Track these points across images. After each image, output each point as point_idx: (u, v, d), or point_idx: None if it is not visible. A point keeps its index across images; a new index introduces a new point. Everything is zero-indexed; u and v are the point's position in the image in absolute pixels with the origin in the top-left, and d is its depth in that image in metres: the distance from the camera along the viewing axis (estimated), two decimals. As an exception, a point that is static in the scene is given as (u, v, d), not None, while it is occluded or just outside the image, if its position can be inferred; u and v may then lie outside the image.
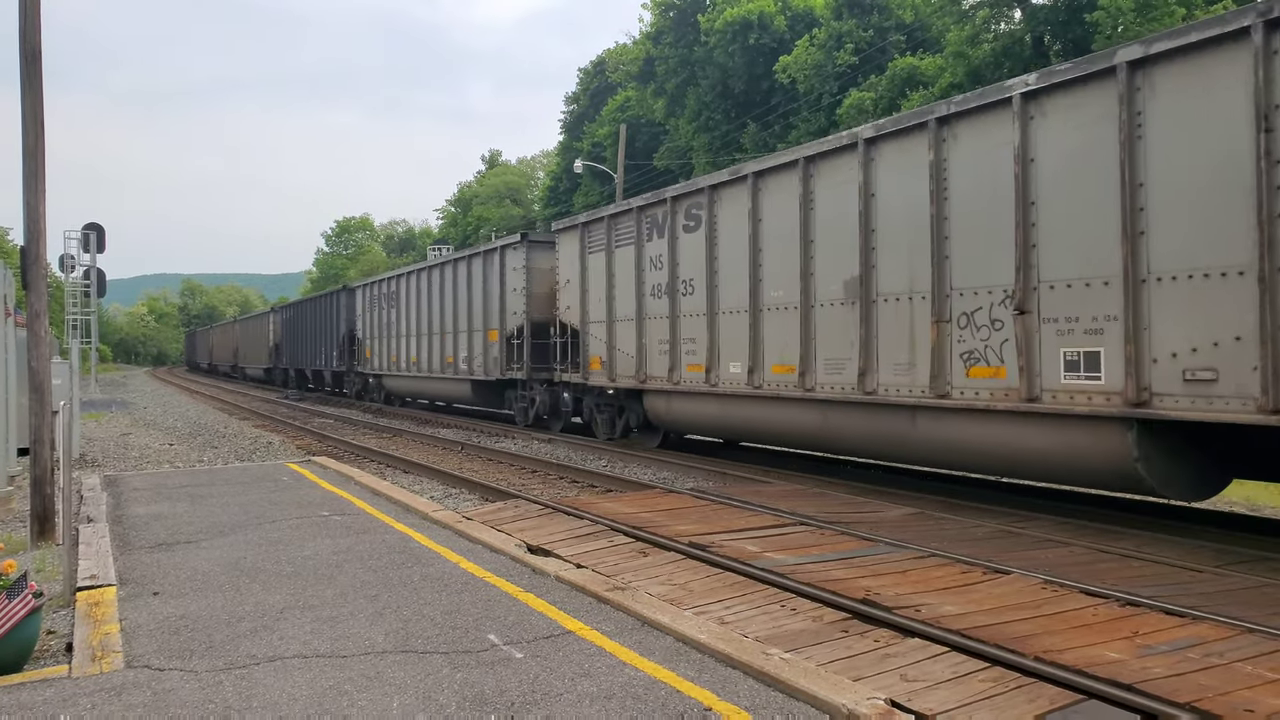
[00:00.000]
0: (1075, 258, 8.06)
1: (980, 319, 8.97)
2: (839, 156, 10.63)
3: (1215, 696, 4.13)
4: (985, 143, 8.91)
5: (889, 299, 9.95)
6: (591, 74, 56.29)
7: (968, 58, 28.36)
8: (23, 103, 8.13)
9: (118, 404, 32.21)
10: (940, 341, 9.34)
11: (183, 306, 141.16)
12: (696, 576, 6.53)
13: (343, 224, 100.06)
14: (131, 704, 4.16)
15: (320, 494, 10.12)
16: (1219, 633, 5.03)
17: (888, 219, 9.98)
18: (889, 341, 9.97)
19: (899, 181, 9.83)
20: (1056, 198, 8.24)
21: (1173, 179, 7.37)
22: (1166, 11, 22.47)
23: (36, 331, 8.27)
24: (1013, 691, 4.30)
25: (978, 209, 9.02)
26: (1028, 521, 8.45)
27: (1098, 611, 5.47)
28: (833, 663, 4.66)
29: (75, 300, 36.58)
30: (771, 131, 36.34)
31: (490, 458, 15.23)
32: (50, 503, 8.10)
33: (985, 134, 8.90)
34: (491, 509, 9.53)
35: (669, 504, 9.38)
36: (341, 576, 6.40)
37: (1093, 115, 7.93)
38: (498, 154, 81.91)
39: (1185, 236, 7.28)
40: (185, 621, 5.38)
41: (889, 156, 9.99)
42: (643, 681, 4.34)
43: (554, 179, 58.77)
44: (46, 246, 8.30)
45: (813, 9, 36.96)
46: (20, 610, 4.70)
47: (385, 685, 4.33)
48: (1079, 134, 8.05)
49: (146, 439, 19.45)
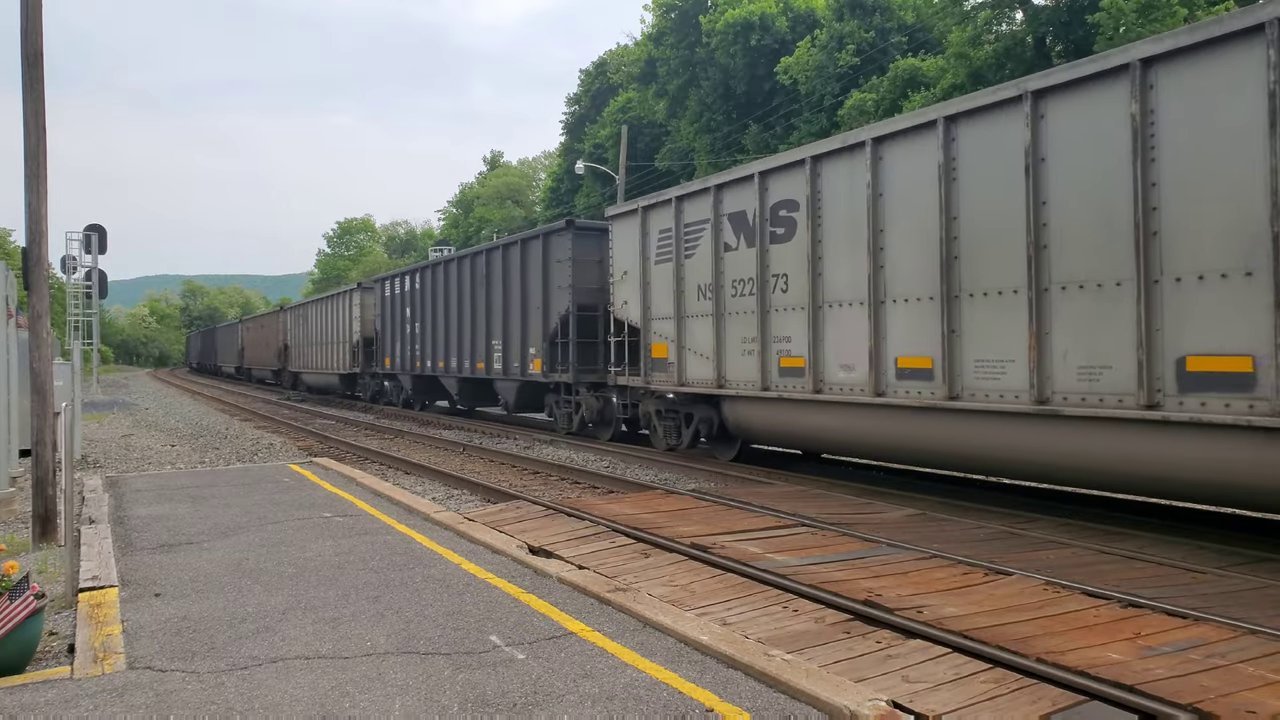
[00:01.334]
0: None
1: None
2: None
3: (1217, 698, 4.12)
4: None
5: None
6: (593, 75, 56.35)
7: (969, 59, 28.37)
8: (24, 105, 8.14)
9: (119, 405, 32.23)
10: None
11: (184, 308, 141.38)
12: (698, 578, 6.53)
13: (344, 225, 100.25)
14: (134, 705, 4.16)
15: (322, 495, 10.13)
16: (1221, 634, 5.03)
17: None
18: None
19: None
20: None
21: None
22: (1169, 13, 22.47)
23: (38, 333, 8.28)
24: (1015, 693, 4.30)
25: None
26: (1029, 523, 8.45)
27: (1099, 613, 5.46)
28: (835, 664, 4.66)
29: (77, 301, 36.63)
30: (773, 133, 36.36)
31: (492, 459, 15.22)
32: (52, 504, 8.11)
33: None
34: (493, 510, 9.53)
35: (670, 505, 9.38)
36: (343, 578, 6.40)
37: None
38: (499, 155, 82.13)
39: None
40: (187, 623, 5.38)
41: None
42: (645, 683, 4.34)
43: (555, 180, 58.84)
44: (48, 248, 8.32)
45: (814, 10, 37.00)
46: (22, 611, 4.71)
47: (387, 686, 4.33)
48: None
49: (148, 440, 19.46)
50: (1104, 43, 22.73)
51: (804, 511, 8.87)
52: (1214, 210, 7.10)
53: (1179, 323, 7.32)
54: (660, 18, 41.90)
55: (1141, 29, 21.83)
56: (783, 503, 9.43)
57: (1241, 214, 6.90)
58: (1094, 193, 7.95)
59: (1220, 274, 7.04)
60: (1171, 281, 7.37)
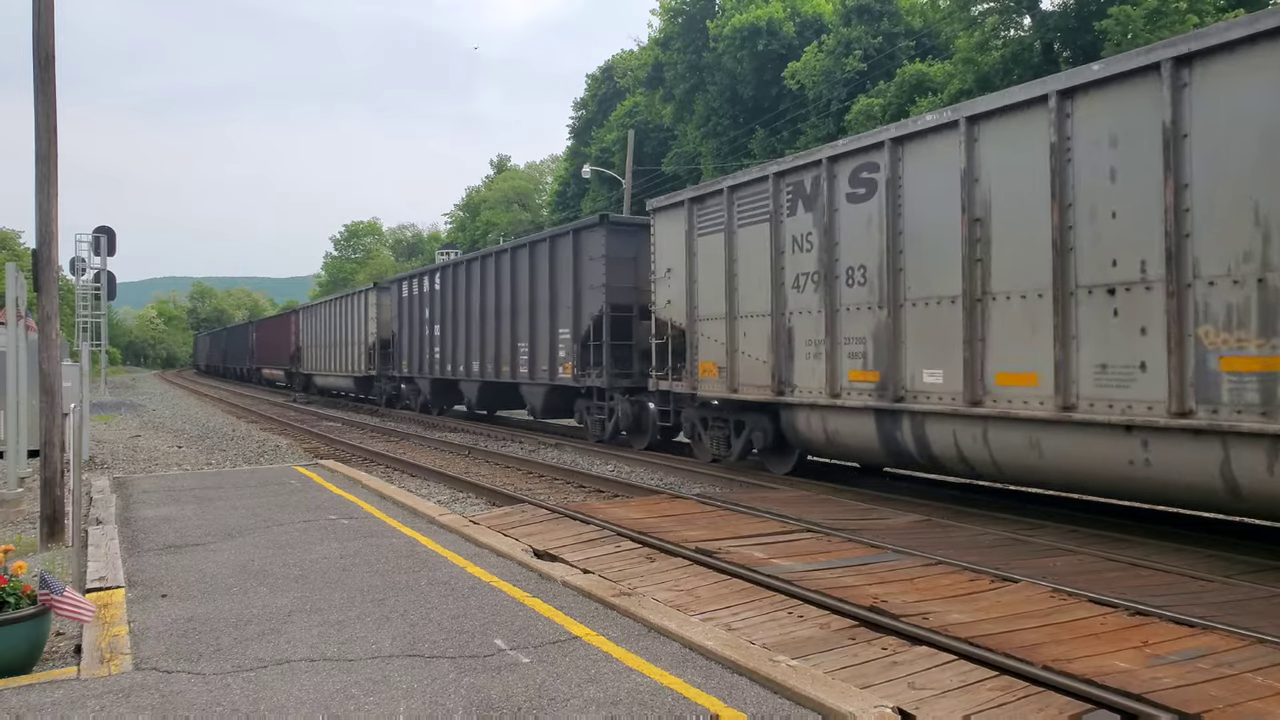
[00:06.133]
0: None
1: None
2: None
3: (1226, 707, 4.10)
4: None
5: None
6: (600, 80, 56.44)
7: (977, 64, 28.36)
8: (36, 108, 8.17)
9: (127, 406, 32.34)
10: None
11: (192, 309, 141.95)
12: (703, 582, 6.52)
13: (351, 228, 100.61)
14: (140, 706, 4.17)
15: (328, 497, 10.14)
16: (1229, 643, 5.00)
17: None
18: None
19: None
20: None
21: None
22: (1177, 19, 22.44)
23: (48, 334, 8.31)
24: (1021, 700, 4.28)
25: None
26: (1035, 529, 8.42)
27: (1106, 620, 5.44)
28: (840, 670, 4.65)
29: (86, 303, 36.80)
30: (780, 137, 36.37)
31: (497, 462, 15.23)
32: (60, 505, 8.14)
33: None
34: (498, 513, 9.54)
35: (675, 509, 9.38)
36: (349, 580, 6.41)
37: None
38: (506, 159, 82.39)
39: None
40: (193, 624, 5.40)
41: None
42: (649, 688, 4.33)
43: (562, 184, 58.95)
44: (58, 250, 8.35)
45: (821, 15, 37.01)
46: (71, 597, 4.79)
47: (392, 690, 4.34)
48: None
49: (155, 441, 19.52)
50: (1111, 49, 22.70)
51: (809, 517, 8.85)
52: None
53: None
54: (667, 22, 41.96)
55: (1150, 36, 21.80)
56: (788, 508, 9.41)
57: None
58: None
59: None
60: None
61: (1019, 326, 8.56)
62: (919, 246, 9.68)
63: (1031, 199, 8.46)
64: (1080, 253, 8.07)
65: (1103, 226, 7.93)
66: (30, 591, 4.82)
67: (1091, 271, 7.99)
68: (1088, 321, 8.00)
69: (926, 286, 9.58)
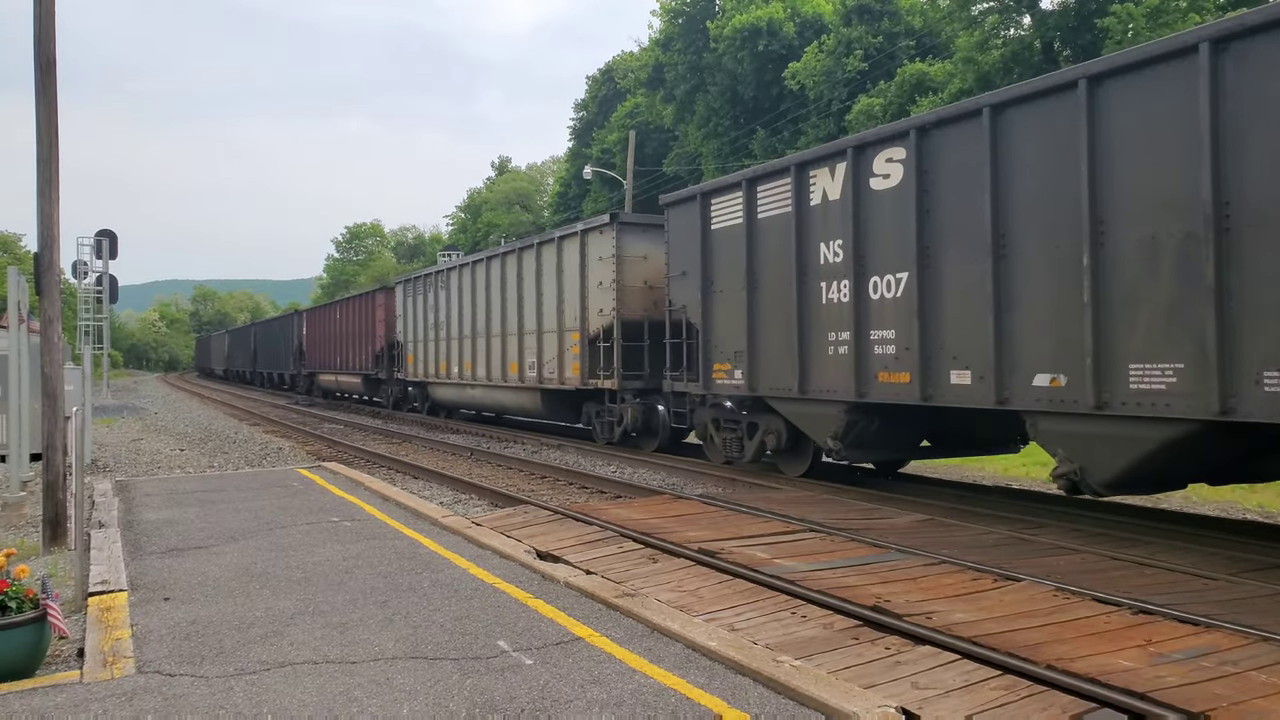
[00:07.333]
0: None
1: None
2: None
3: (1230, 706, 4.09)
4: None
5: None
6: (601, 81, 56.47)
7: (977, 63, 28.32)
8: (37, 112, 8.18)
9: (129, 409, 32.36)
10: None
11: (194, 312, 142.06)
12: (706, 583, 6.51)
13: (353, 230, 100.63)
14: (143, 709, 4.17)
15: (330, 499, 10.15)
16: (1233, 641, 4.99)
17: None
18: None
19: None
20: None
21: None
22: (1179, 17, 22.41)
23: (50, 337, 8.32)
24: (1024, 700, 4.28)
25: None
26: (1038, 528, 8.41)
27: (1110, 619, 5.43)
28: (843, 670, 4.65)
29: (88, 306, 36.85)
30: (780, 138, 36.36)
31: (499, 464, 15.23)
32: (62, 508, 8.14)
33: None
34: (501, 515, 9.54)
35: (678, 510, 9.37)
36: (351, 582, 6.41)
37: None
38: (507, 160, 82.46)
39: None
40: (196, 627, 5.40)
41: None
42: (652, 689, 4.33)
43: (563, 185, 58.96)
44: (60, 253, 8.36)
45: (822, 15, 36.99)
46: (53, 608, 4.79)
47: (395, 691, 4.34)
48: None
49: (158, 444, 19.53)
50: (1113, 47, 22.68)
51: (811, 517, 8.85)
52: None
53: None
54: (668, 23, 41.95)
55: (1150, 34, 21.78)
56: (790, 508, 9.40)
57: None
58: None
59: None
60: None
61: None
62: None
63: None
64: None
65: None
66: (33, 595, 4.82)
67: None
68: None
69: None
